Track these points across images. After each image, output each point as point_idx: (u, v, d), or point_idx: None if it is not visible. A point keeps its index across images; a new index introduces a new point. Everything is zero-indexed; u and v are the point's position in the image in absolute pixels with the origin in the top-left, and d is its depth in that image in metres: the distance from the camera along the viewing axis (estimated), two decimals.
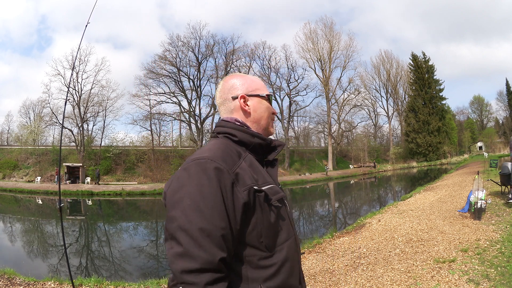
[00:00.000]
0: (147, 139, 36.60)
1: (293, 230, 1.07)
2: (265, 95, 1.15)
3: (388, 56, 53.65)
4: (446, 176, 20.57)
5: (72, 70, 33.74)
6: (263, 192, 0.95)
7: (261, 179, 0.99)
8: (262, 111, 1.13)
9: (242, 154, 1.01)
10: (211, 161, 0.91)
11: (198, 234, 0.83)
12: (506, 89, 54.38)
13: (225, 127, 1.07)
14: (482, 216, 6.52)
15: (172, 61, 35.64)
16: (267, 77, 40.93)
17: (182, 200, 0.88)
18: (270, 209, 0.96)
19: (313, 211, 17.37)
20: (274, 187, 1.01)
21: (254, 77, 1.19)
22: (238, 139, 1.04)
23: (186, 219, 0.85)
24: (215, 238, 0.84)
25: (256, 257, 0.93)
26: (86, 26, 3.19)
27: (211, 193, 0.87)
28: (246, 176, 0.94)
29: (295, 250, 1.05)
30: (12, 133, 41.52)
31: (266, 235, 0.94)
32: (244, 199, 0.91)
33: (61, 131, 3.85)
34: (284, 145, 1.18)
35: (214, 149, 0.98)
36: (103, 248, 10.47)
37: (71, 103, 32.23)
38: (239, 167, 0.95)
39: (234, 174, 0.92)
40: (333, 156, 41.79)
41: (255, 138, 1.05)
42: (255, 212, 0.93)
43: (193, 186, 0.88)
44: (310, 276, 4.55)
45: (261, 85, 1.17)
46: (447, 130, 48.28)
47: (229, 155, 0.96)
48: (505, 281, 3.45)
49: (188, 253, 0.82)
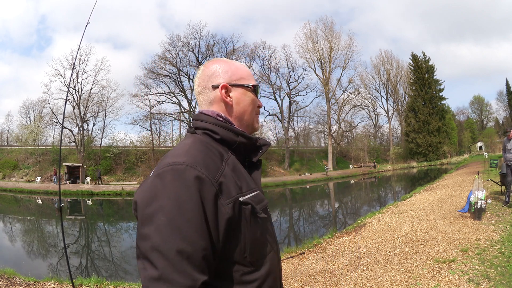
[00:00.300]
0: (147, 139, 36.65)
1: (276, 241, 0.98)
2: (251, 85, 1.00)
3: (388, 56, 53.76)
4: (446, 176, 20.57)
5: (72, 70, 33.71)
6: (249, 204, 0.82)
7: (245, 186, 0.86)
8: (246, 104, 0.98)
9: (224, 155, 0.87)
10: (190, 167, 0.76)
11: (176, 257, 0.70)
12: (506, 89, 54.43)
13: (205, 122, 0.92)
14: (482, 216, 6.52)
15: (172, 61, 35.71)
16: (267, 77, 41.06)
17: (156, 215, 0.73)
18: (255, 221, 0.84)
19: (313, 211, 17.37)
20: (259, 194, 0.89)
21: (239, 63, 1.04)
22: (219, 137, 0.90)
23: (161, 239, 0.71)
24: (196, 261, 0.72)
25: (238, 272, 0.82)
26: (86, 26, 3.19)
27: (191, 208, 0.73)
28: (230, 185, 0.81)
29: (277, 261, 0.96)
30: (12, 133, 41.60)
31: (251, 250, 0.83)
32: (229, 213, 0.78)
33: (61, 131, 3.85)
34: (269, 144, 1.05)
35: (193, 151, 0.83)
36: (103, 248, 10.47)
37: (71, 103, 32.29)
38: (222, 175, 0.81)
39: (218, 184, 0.78)
40: (333, 156, 41.80)
41: (239, 137, 0.92)
42: (239, 227, 0.81)
43: (169, 198, 0.74)
44: (310, 276, 4.55)
45: (247, 74, 1.01)
46: (447, 130, 48.32)
47: (211, 158, 0.82)
48: (505, 281, 3.45)
49: (165, 278, 0.69)
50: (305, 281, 4.38)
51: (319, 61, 42.56)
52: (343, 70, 43.93)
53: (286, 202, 21.73)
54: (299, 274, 4.75)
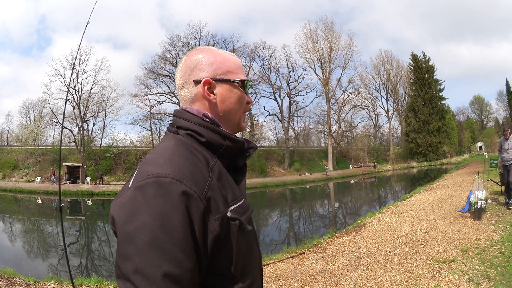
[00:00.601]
0: (147, 139, 36.66)
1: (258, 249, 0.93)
2: (238, 80, 0.88)
3: (388, 56, 53.78)
4: (446, 176, 20.57)
5: (72, 70, 33.71)
6: (237, 220, 0.75)
7: (231, 195, 0.78)
8: (232, 102, 0.87)
9: (210, 162, 0.78)
10: (177, 181, 0.68)
11: (163, 281, 0.62)
12: (506, 89, 54.42)
13: (189, 121, 0.82)
14: (482, 216, 6.53)
15: (172, 61, 35.73)
16: (267, 77, 41.07)
17: (137, 233, 0.64)
18: (242, 235, 0.77)
19: (313, 211, 17.37)
20: (244, 202, 0.82)
21: (228, 53, 0.91)
22: (205, 140, 0.81)
23: (145, 261, 0.63)
24: (184, 284, 0.65)
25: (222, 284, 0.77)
26: (86, 26, 3.19)
27: (177, 227, 0.65)
28: (218, 199, 0.73)
29: (260, 269, 0.92)
30: (12, 133, 41.60)
31: (236, 263, 0.77)
32: (217, 231, 0.71)
33: (61, 131, 3.85)
34: (256, 147, 0.94)
35: (177, 158, 0.73)
36: (103, 248, 10.47)
37: (71, 103, 32.31)
38: (211, 188, 0.73)
39: (206, 200, 0.71)
40: (333, 156, 41.81)
41: (226, 141, 0.82)
42: (226, 243, 0.74)
43: (152, 215, 0.65)
44: (310, 276, 4.55)
45: (234, 66, 0.89)
46: (447, 130, 48.34)
47: (198, 168, 0.73)
48: (505, 281, 3.45)
49: None
50: (305, 281, 4.38)
51: (319, 61, 42.62)
52: (343, 70, 44.04)
53: (286, 202, 21.73)
54: (299, 274, 4.75)
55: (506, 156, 7.08)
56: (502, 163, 7.34)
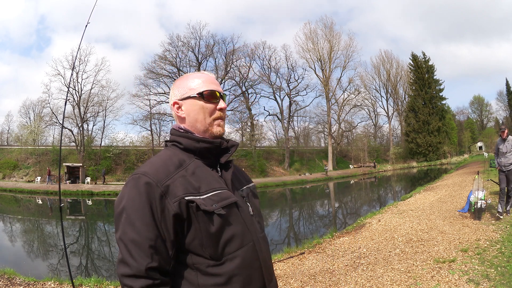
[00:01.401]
0: (147, 139, 36.64)
1: (254, 235, 1.04)
2: (196, 94, 1.07)
3: (388, 56, 53.74)
4: (446, 176, 20.57)
5: (72, 70, 33.74)
6: (194, 203, 0.94)
7: (205, 186, 0.98)
8: (195, 113, 1.07)
9: (186, 161, 1.01)
10: (143, 176, 0.94)
11: (130, 245, 0.89)
12: (506, 89, 54.41)
13: (173, 135, 1.09)
14: (482, 216, 6.53)
15: (172, 61, 35.70)
16: (267, 77, 41.06)
17: (121, 213, 0.93)
18: (210, 218, 0.95)
19: (313, 211, 17.37)
20: (223, 193, 1.00)
21: (196, 74, 1.12)
22: (183, 147, 1.04)
23: (122, 231, 0.92)
24: (144, 249, 0.89)
25: (203, 264, 0.95)
26: (86, 26, 3.19)
27: (141, 207, 0.91)
28: (178, 187, 0.94)
29: (254, 256, 1.01)
30: (12, 133, 41.57)
31: (208, 245, 0.94)
32: (174, 210, 0.92)
33: (61, 131, 3.85)
34: (237, 145, 1.13)
35: (154, 162, 1.00)
36: (103, 248, 10.47)
37: (71, 103, 32.30)
38: (171, 179, 0.95)
39: (164, 187, 0.93)
40: (333, 156, 41.81)
41: (200, 143, 1.04)
42: (192, 223, 0.94)
43: (128, 200, 0.93)
44: (310, 276, 4.55)
45: (195, 84, 1.09)
46: (447, 130, 48.32)
47: (165, 166, 0.98)
48: (505, 281, 3.45)
49: (124, 260, 0.90)
50: (305, 281, 4.38)
51: (319, 61, 42.60)
52: (343, 70, 44.02)
53: (286, 202, 21.73)
54: (299, 274, 4.75)
55: (504, 161, 6.29)
56: (498, 168, 6.52)
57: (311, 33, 43.19)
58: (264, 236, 1.11)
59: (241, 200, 1.07)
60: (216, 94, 1.09)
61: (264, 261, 1.04)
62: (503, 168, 6.33)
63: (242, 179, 1.20)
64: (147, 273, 0.88)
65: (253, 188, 1.23)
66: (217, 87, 1.10)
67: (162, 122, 38.04)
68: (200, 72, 1.15)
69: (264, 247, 1.07)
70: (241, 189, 1.12)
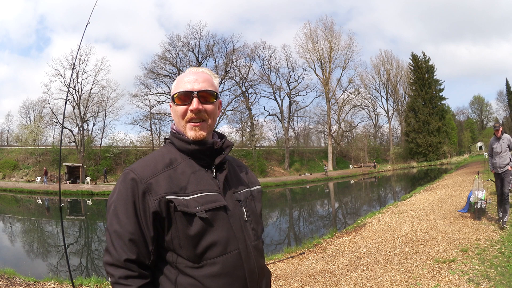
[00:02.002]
0: (147, 139, 36.65)
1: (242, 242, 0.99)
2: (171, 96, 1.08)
3: (388, 56, 53.74)
4: (446, 176, 20.57)
5: (72, 70, 33.74)
6: (173, 203, 0.94)
7: (193, 187, 0.98)
8: (174, 116, 1.09)
9: (178, 160, 1.02)
10: (131, 172, 0.98)
11: (114, 235, 0.94)
12: (506, 89, 54.44)
13: (169, 133, 1.12)
14: (482, 216, 6.52)
15: (172, 61, 35.70)
16: (267, 77, 41.05)
17: (111, 205, 0.98)
18: (190, 220, 0.94)
19: (313, 211, 17.36)
20: (210, 195, 0.98)
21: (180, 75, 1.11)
22: (177, 147, 1.06)
23: (109, 222, 0.96)
24: (124, 241, 0.93)
25: (182, 264, 0.95)
26: (86, 26, 3.19)
27: (125, 201, 0.95)
28: (161, 186, 0.96)
29: (238, 265, 0.97)
30: (12, 133, 41.56)
31: (185, 246, 0.94)
32: (154, 208, 0.94)
33: (61, 131, 3.85)
34: (232, 145, 1.10)
35: (146, 159, 1.03)
36: (103, 248, 10.45)
37: (71, 103, 32.29)
38: (155, 177, 0.97)
39: (147, 184, 0.95)
40: (333, 156, 41.80)
41: (191, 145, 1.03)
42: (171, 222, 0.95)
43: (117, 194, 0.97)
44: (310, 276, 4.55)
45: (175, 86, 1.08)
46: (447, 130, 48.31)
47: (154, 164, 1.00)
48: (505, 281, 3.45)
49: (108, 249, 0.95)
50: (305, 281, 4.38)
51: (319, 61, 42.60)
52: (343, 70, 44.02)
53: (286, 202, 21.73)
54: (299, 274, 4.75)
55: (499, 162, 5.74)
56: (493, 170, 5.95)
57: (311, 33, 43.23)
58: (257, 244, 1.04)
59: (233, 204, 1.02)
60: (188, 94, 1.03)
61: (251, 271, 0.99)
62: (498, 169, 5.77)
63: (244, 181, 1.14)
64: (125, 264, 0.91)
65: (257, 191, 1.16)
66: (192, 85, 1.03)
67: (162, 122, 38.08)
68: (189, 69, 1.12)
69: (255, 256, 1.01)
70: (238, 192, 1.07)
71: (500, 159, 5.73)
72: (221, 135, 1.15)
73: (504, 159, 5.71)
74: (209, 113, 1.05)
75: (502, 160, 5.71)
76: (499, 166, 5.75)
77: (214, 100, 1.07)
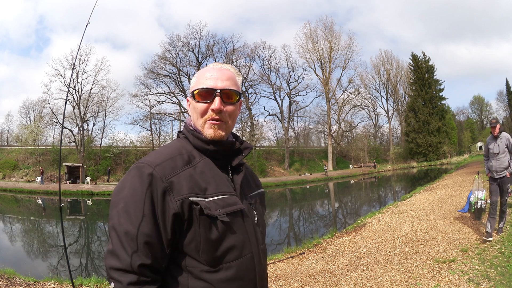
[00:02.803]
0: (147, 139, 36.68)
1: (254, 246, 0.97)
2: (190, 92, 1.01)
3: (388, 56, 53.76)
4: (446, 176, 20.57)
5: (72, 70, 33.77)
6: (199, 205, 0.87)
7: (213, 189, 0.91)
8: (191, 114, 1.02)
9: (196, 159, 0.95)
10: (147, 166, 0.88)
11: (124, 237, 0.83)
12: (506, 89, 54.40)
13: (185, 128, 1.03)
14: (482, 216, 6.52)
15: (172, 61, 35.75)
16: (267, 77, 41.06)
17: (119, 201, 0.87)
18: (212, 223, 0.89)
19: (313, 211, 17.36)
20: (229, 198, 0.93)
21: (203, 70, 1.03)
22: (192, 144, 0.99)
23: (117, 220, 0.85)
24: (138, 244, 0.83)
25: (197, 269, 0.89)
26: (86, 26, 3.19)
27: (141, 199, 0.85)
28: (183, 185, 0.88)
29: (251, 269, 0.95)
30: (12, 133, 41.57)
31: (205, 250, 0.88)
32: (176, 209, 0.86)
33: (61, 131, 3.85)
34: (251, 147, 1.05)
35: (161, 152, 0.94)
36: (103, 248, 10.46)
37: (71, 103, 32.31)
38: (177, 175, 0.88)
39: (168, 182, 0.87)
40: (333, 156, 41.81)
41: (210, 146, 0.97)
42: (192, 225, 0.88)
43: (129, 189, 0.87)
44: (310, 276, 4.55)
45: (195, 81, 1.02)
46: (447, 130, 48.30)
47: (173, 160, 0.91)
48: (505, 281, 3.45)
49: (115, 252, 0.84)
50: (305, 281, 4.38)
51: (319, 61, 42.61)
52: (343, 70, 44.04)
53: (286, 202, 21.73)
54: (299, 274, 4.75)
55: (495, 165, 4.95)
56: (488, 174, 5.16)
57: (311, 33, 43.25)
58: (264, 248, 1.05)
59: (247, 207, 1.00)
60: (211, 92, 0.97)
61: (260, 273, 0.99)
62: (495, 174, 4.98)
63: (253, 184, 1.12)
64: (139, 269, 0.82)
65: (262, 194, 1.15)
66: (215, 82, 0.97)
67: (162, 122, 38.14)
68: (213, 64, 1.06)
69: (263, 260, 1.02)
70: (249, 195, 1.05)
71: (497, 162, 4.92)
72: (235, 135, 1.10)
73: (501, 161, 4.90)
74: (229, 114, 1.00)
75: (500, 163, 4.90)
76: (495, 170, 4.95)
77: (237, 100, 1.01)
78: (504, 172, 4.91)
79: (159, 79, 35.94)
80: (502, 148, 4.91)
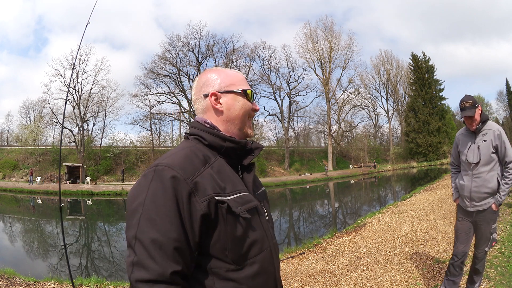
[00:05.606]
0: (147, 139, 36.69)
1: (270, 241, 1.01)
2: (241, 90, 1.04)
3: (388, 56, 53.70)
4: (446, 176, 20.57)
5: (72, 70, 33.78)
6: (225, 203, 0.88)
7: (230, 187, 0.92)
8: (236, 109, 1.03)
9: (211, 158, 0.95)
10: (168, 168, 0.86)
11: (150, 245, 0.80)
12: (506, 89, 54.37)
13: (196, 128, 1.02)
14: None
15: (172, 61, 35.74)
16: (267, 77, 41.06)
17: (138, 208, 0.84)
18: (236, 221, 0.90)
19: (313, 211, 17.37)
20: (246, 195, 0.95)
21: (231, 71, 1.08)
22: (207, 143, 0.98)
23: (140, 229, 0.82)
24: (167, 251, 0.80)
25: (223, 269, 0.89)
26: (86, 26, 3.19)
27: (165, 203, 0.83)
28: (207, 185, 0.88)
29: (270, 262, 0.99)
30: (12, 133, 41.59)
31: (231, 248, 0.89)
32: (203, 210, 0.85)
33: (61, 131, 3.86)
34: (262, 148, 1.09)
35: (176, 154, 0.92)
36: (103, 248, 10.47)
37: (71, 103, 32.31)
38: (199, 175, 0.88)
39: (193, 183, 0.86)
40: (333, 156, 41.81)
41: (226, 142, 0.98)
42: (218, 224, 0.88)
43: (149, 195, 0.84)
44: (310, 276, 4.55)
45: (237, 80, 1.06)
46: (447, 130, 48.29)
47: (191, 161, 0.90)
48: (505, 281, 3.46)
49: (141, 263, 0.79)
50: (305, 281, 4.38)
51: (319, 61, 42.59)
52: (343, 70, 43.98)
53: (286, 202, 21.73)
54: (299, 274, 4.75)
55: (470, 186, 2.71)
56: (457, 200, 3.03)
57: (311, 33, 43.22)
58: (276, 242, 1.08)
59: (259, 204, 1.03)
60: (252, 94, 1.08)
61: (277, 267, 1.03)
62: (468, 203, 2.75)
63: (258, 183, 1.16)
64: (171, 277, 0.79)
65: (266, 193, 1.19)
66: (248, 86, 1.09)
67: (162, 122, 38.16)
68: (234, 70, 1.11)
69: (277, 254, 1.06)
70: (257, 193, 1.08)
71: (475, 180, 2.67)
72: None
73: (483, 180, 2.63)
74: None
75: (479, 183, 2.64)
76: (469, 196, 2.72)
77: None
78: (486, 202, 2.65)
79: (159, 79, 35.97)
80: (485, 153, 2.61)
